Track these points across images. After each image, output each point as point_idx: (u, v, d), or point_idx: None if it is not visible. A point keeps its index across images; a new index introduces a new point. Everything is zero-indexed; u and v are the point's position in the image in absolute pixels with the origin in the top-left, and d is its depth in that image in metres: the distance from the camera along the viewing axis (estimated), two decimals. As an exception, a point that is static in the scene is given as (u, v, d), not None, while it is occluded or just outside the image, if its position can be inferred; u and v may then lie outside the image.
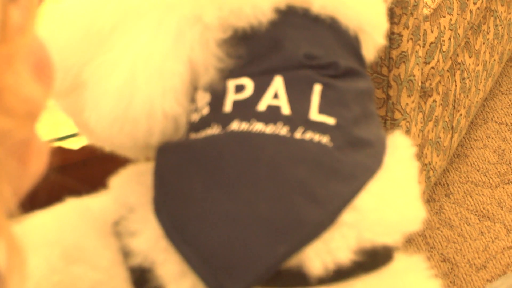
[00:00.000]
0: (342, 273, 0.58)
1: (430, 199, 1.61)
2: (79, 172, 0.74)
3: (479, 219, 1.60)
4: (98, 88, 0.65)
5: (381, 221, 0.60)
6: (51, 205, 0.63)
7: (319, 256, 0.58)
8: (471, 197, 1.64)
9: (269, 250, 0.57)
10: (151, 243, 0.59)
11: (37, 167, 0.42)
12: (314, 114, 0.61)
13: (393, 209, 0.62)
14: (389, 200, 0.62)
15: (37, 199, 0.43)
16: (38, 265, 0.61)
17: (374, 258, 0.60)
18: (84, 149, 0.87)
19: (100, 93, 0.65)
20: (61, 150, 0.86)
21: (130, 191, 0.63)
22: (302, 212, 0.58)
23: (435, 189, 1.65)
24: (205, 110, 0.64)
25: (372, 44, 0.72)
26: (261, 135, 0.61)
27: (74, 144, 0.88)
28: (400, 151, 0.66)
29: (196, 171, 0.61)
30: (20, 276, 0.37)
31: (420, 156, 1.44)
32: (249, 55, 0.65)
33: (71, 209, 0.65)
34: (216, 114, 0.63)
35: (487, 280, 1.47)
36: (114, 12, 0.65)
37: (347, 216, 0.59)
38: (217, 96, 0.64)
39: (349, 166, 0.60)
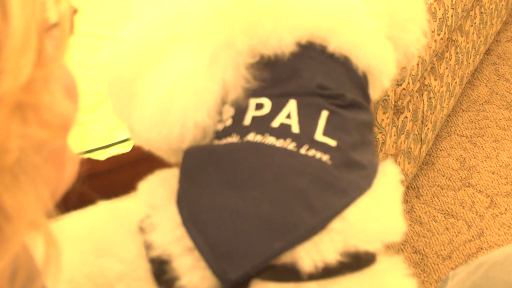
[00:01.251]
0: (329, 271, 0.58)
1: (403, 200, 1.61)
2: (105, 179, 0.74)
3: (444, 217, 1.60)
4: (143, 97, 0.67)
5: (365, 231, 0.60)
6: (82, 208, 0.63)
7: (309, 255, 0.57)
8: (437, 198, 1.65)
9: (267, 245, 0.56)
10: (169, 237, 0.58)
11: (69, 173, 0.42)
12: (319, 135, 0.61)
13: (376, 222, 0.61)
14: (374, 214, 0.61)
15: (70, 201, 0.42)
16: (72, 258, 0.61)
17: (357, 261, 0.59)
18: (109, 160, 0.87)
19: (144, 102, 0.66)
20: (89, 160, 0.85)
21: (155, 193, 0.63)
22: (298, 216, 0.58)
23: (407, 192, 1.66)
24: (229, 122, 0.65)
25: (379, 85, 0.72)
26: (271, 147, 0.61)
27: (100, 156, 0.88)
28: (388, 177, 0.66)
29: (214, 171, 0.61)
30: (56, 268, 0.37)
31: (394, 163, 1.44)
32: (271, 79, 0.66)
33: (102, 210, 0.65)
34: (237, 126, 0.64)
35: (451, 268, 1.47)
36: (163, 38, 0.66)
37: (336, 224, 0.59)
38: (240, 111, 0.65)
39: (343, 183, 0.60)
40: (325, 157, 0.60)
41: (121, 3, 1.12)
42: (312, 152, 0.60)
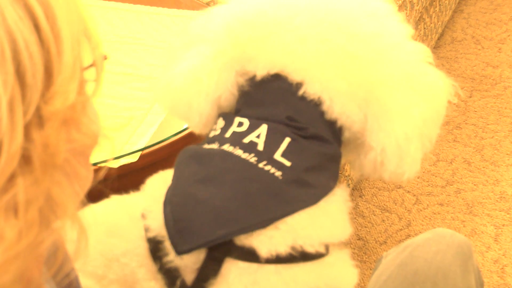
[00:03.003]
0: (282, 259, 0.57)
1: (349, 199, 1.61)
2: (117, 182, 0.74)
3: (381, 211, 1.61)
4: (174, 87, 0.69)
5: (310, 236, 0.58)
6: (100, 201, 0.63)
7: (265, 246, 0.56)
8: (376, 197, 1.65)
9: (212, 231, 0.55)
10: (161, 222, 0.58)
11: (91, 176, 0.42)
12: (277, 156, 0.59)
13: (321, 229, 0.59)
14: (320, 223, 0.60)
15: (92, 197, 0.43)
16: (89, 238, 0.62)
17: (305, 256, 0.58)
18: (120, 167, 0.86)
19: (172, 90, 0.69)
20: (106, 167, 0.85)
21: (157, 188, 0.62)
22: (242, 214, 0.56)
23: (353, 193, 1.65)
24: (217, 132, 0.63)
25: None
26: (237, 157, 0.59)
27: (114, 164, 0.87)
28: (336, 196, 0.63)
29: (195, 167, 0.60)
30: (84, 251, 0.37)
31: (342, 170, 1.44)
32: (254, 102, 0.64)
33: (113, 202, 0.64)
34: (221, 136, 0.63)
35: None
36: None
37: (282, 226, 0.57)
38: (227, 125, 0.63)
39: (288, 196, 0.58)
40: (278, 173, 0.58)
41: (133, 50, 1.12)
42: (268, 167, 0.58)
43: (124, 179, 0.82)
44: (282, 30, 0.62)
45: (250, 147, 0.59)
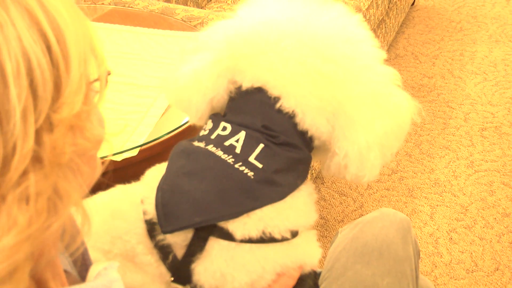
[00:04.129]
0: (254, 241, 0.56)
1: (314, 188, 1.61)
2: (120, 172, 0.73)
3: (339, 195, 1.61)
4: (179, 84, 0.67)
5: (278, 225, 0.57)
6: (106, 189, 0.62)
7: (239, 230, 0.56)
8: (335, 183, 1.66)
9: (190, 217, 0.55)
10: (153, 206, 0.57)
11: (97, 172, 0.42)
12: (251, 158, 0.58)
13: (287, 220, 0.58)
14: (286, 215, 0.58)
15: (100, 185, 0.42)
16: (97, 220, 0.60)
17: (273, 240, 0.57)
18: (123, 160, 0.85)
19: (178, 87, 0.67)
20: (111, 161, 0.84)
21: (153, 178, 0.61)
22: (217, 206, 0.56)
23: (316, 180, 1.66)
24: (206, 132, 0.62)
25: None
26: (218, 157, 0.58)
27: (117, 158, 0.86)
28: (301, 192, 0.62)
29: (183, 161, 0.59)
30: (88, 230, 0.38)
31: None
32: (237, 109, 0.62)
33: (118, 190, 0.63)
34: (207, 136, 0.61)
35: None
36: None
37: (254, 216, 0.57)
38: (214, 127, 0.62)
39: (257, 193, 0.57)
40: (251, 173, 0.57)
41: (133, 64, 1.11)
42: (242, 168, 0.57)
43: (126, 170, 0.81)
44: (269, 50, 0.60)
45: (230, 150, 0.58)
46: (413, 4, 2.76)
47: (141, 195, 0.60)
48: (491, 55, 2.35)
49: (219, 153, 0.58)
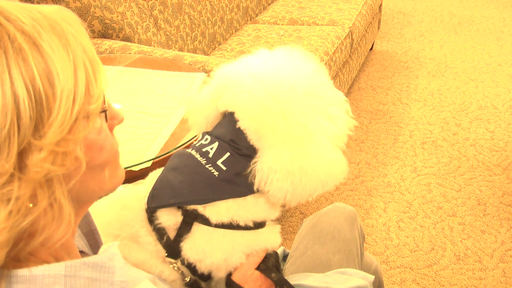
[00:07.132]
0: (226, 226, 0.56)
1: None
2: (137, 179, 0.73)
3: (314, 195, 1.60)
4: (192, 106, 0.67)
5: (241, 216, 0.57)
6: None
7: (214, 216, 0.56)
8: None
9: (167, 199, 0.56)
10: None
11: (121, 178, 0.42)
12: (219, 162, 0.58)
13: (248, 212, 0.57)
14: (246, 208, 0.57)
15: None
16: (110, 211, 0.60)
17: (239, 227, 0.57)
18: (140, 170, 0.85)
19: (192, 108, 0.67)
20: (129, 171, 0.84)
21: (155, 178, 0.60)
22: (186, 193, 0.56)
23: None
24: (196, 143, 0.62)
25: None
26: (196, 159, 0.59)
27: (135, 168, 0.86)
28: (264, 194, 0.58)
29: (175, 160, 0.60)
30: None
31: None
32: (217, 126, 0.62)
33: (128, 189, 0.63)
34: (194, 145, 0.62)
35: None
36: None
37: (223, 205, 0.56)
38: (201, 138, 0.62)
39: (218, 188, 0.56)
40: (216, 173, 0.57)
41: (150, 97, 1.11)
42: (210, 168, 0.57)
43: (142, 178, 0.83)
44: (237, 85, 0.59)
45: (205, 154, 0.59)
46: (371, 49, 2.79)
47: (144, 192, 0.60)
48: (429, 86, 2.37)
49: (197, 156, 0.59)
